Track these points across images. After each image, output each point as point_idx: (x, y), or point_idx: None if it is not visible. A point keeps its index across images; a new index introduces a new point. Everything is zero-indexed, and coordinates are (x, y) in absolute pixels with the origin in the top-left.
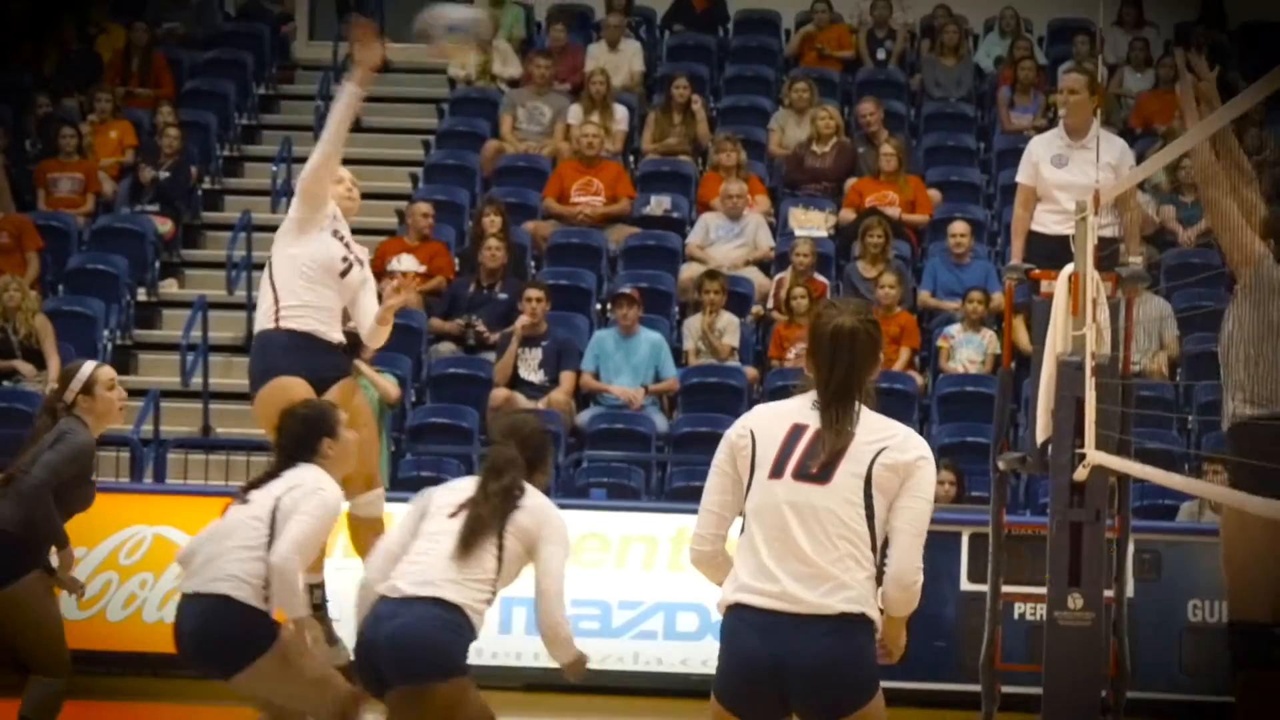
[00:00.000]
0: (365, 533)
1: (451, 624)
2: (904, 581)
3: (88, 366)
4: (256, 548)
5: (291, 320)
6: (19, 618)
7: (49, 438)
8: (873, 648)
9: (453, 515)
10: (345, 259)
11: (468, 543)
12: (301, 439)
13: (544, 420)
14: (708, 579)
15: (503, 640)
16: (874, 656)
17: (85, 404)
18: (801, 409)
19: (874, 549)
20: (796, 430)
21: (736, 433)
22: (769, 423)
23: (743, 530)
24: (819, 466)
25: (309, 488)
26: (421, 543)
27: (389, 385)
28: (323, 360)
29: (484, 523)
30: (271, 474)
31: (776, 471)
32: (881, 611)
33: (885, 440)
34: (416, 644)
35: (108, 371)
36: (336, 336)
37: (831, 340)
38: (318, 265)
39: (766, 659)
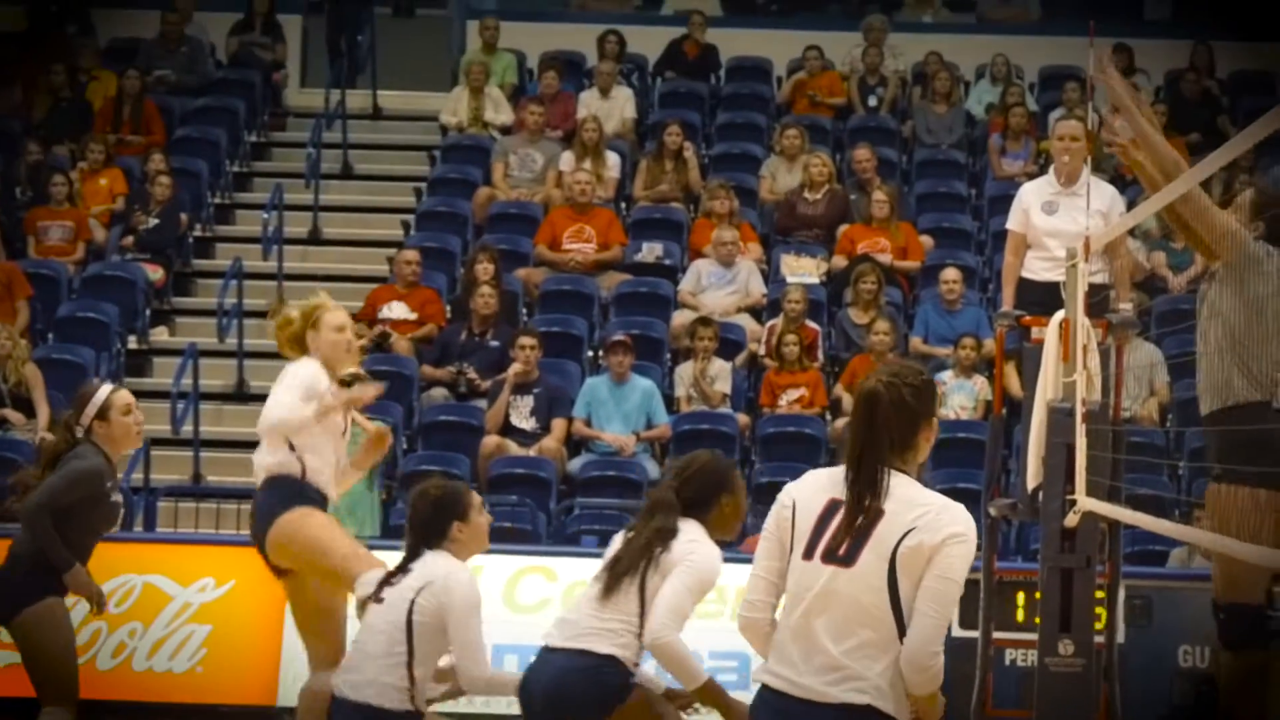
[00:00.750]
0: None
1: (593, 669)
2: (918, 664)
3: (103, 391)
4: (398, 656)
5: (313, 477)
6: (30, 645)
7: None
8: None
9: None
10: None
11: (608, 586)
12: (430, 522)
13: (719, 458)
14: (753, 647)
15: None
16: None
17: (101, 430)
18: (839, 481)
19: (901, 634)
20: (832, 506)
21: (781, 501)
22: (811, 494)
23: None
24: (845, 549)
25: (441, 584)
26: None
27: (370, 426)
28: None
29: (624, 565)
30: (404, 565)
31: (808, 552)
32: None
33: (916, 520)
34: (566, 701)
35: (124, 396)
36: (335, 495)
37: (855, 405)
38: (327, 435)
39: None
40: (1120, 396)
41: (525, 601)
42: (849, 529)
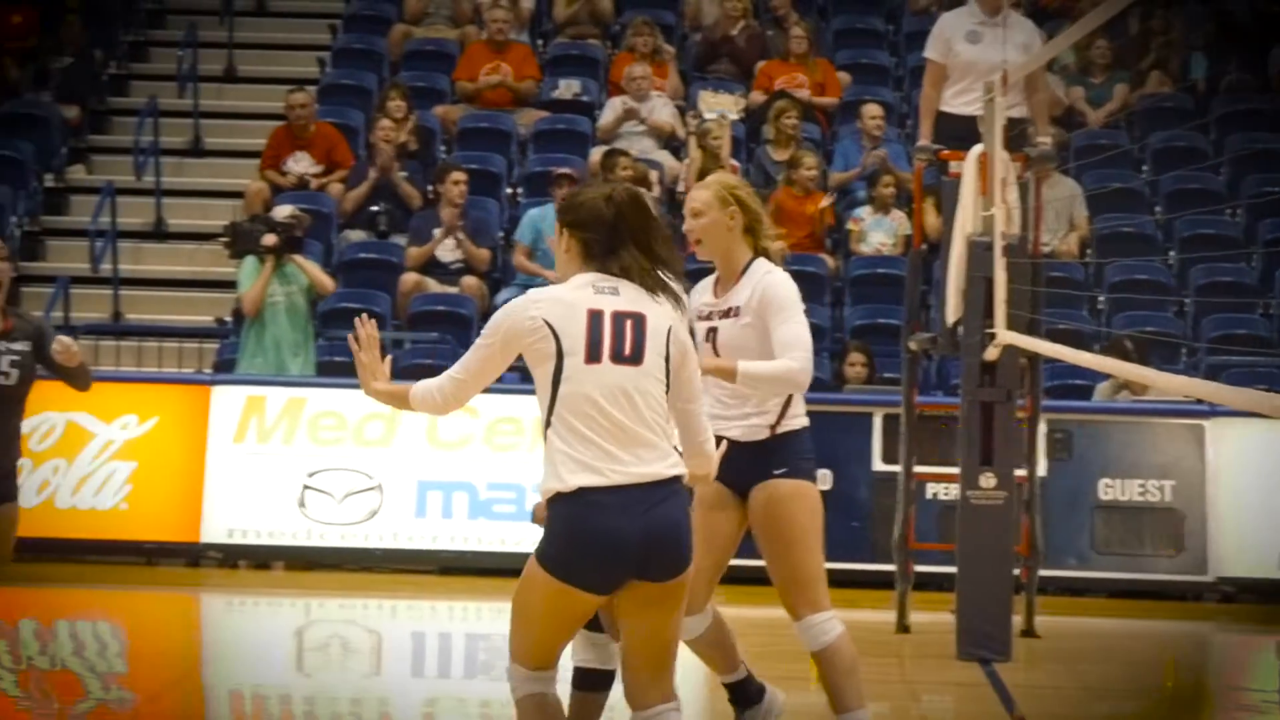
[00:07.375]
0: None
1: None
2: (706, 454)
3: None
4: None
5: None
6: None
7: None
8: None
9: None
10: None
11: None
12: None
13: None
14: (426, 406)
15: (419, 524)
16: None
17: None
18: (588, 291)
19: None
20: (595, 315)
21: (525, 326)
22: (563, 309)
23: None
24: (630, 349)
25: None
26: None
27: (322, 275)
28: None
29: None
30: None
31: (593, 356)
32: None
33: (670, 318)
34: None
35: None
36: None
37: (617, 211)
38: None
39: (633, 531)
40: (1040, 230)
41: (447, 438)
42: (629, 330)
